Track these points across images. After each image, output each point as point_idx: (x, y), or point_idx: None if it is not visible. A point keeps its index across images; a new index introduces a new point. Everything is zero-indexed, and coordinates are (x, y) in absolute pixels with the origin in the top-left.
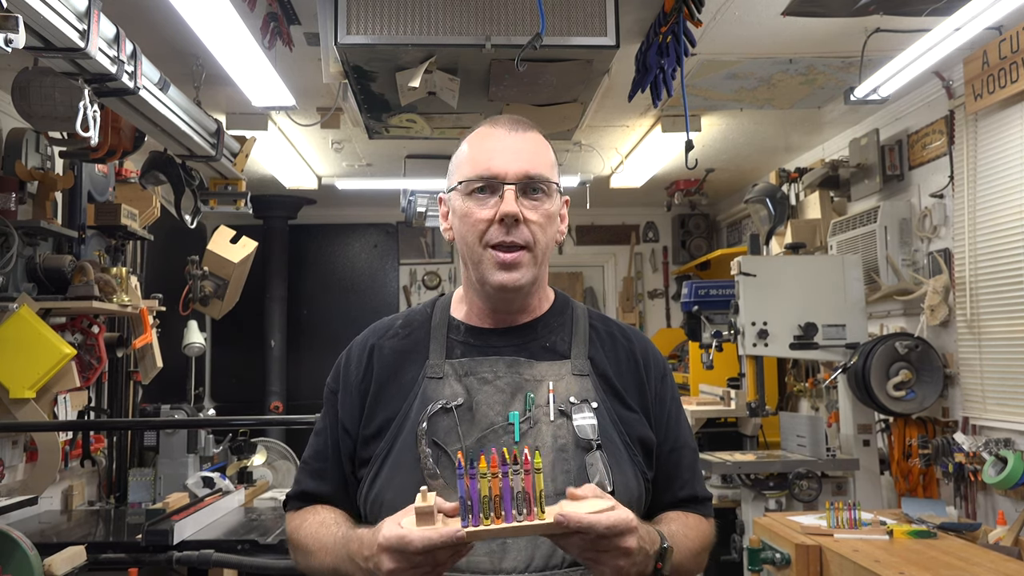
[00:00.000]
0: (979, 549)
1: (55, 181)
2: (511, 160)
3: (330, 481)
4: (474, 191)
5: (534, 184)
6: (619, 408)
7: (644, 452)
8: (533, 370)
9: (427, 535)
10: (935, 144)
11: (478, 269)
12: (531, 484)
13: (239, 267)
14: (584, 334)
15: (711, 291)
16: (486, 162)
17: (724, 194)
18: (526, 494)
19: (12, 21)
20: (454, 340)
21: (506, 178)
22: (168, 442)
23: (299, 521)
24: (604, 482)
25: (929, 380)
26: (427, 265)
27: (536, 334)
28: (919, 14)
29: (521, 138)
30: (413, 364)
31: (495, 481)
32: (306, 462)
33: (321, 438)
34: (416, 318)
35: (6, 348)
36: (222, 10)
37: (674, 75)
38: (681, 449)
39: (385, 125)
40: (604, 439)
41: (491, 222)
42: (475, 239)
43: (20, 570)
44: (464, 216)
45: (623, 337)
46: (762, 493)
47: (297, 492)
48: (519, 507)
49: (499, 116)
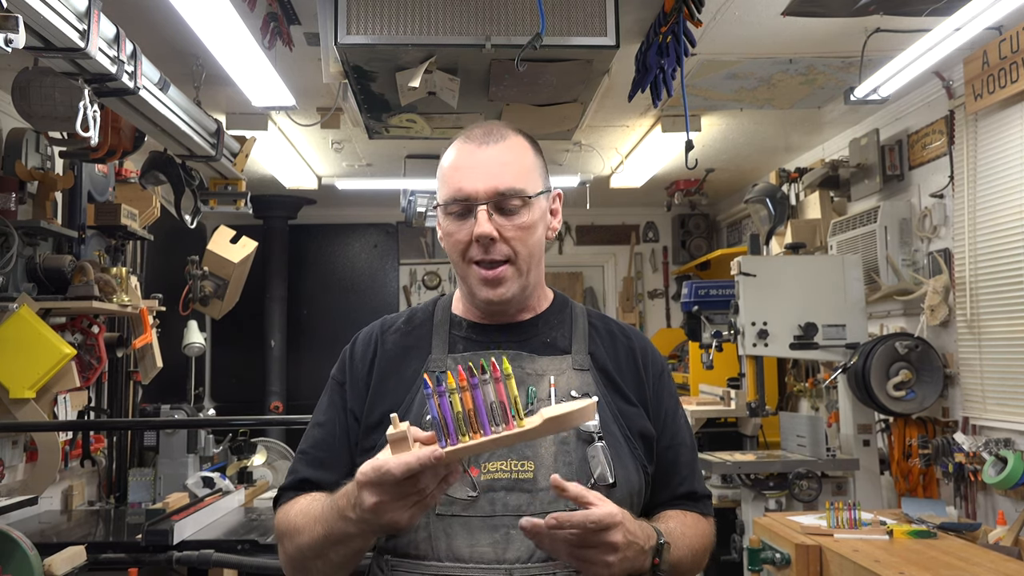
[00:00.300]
0: (979, 549)
1: (55, 181)
2: (480, 178)
3: (334, 470)
4: (450, 213)
5: (506, 199)
6: (619, 402)
7: (644, 445)
8: (535, 364)
9: (405, 459)
10: (935, 144)
11: (466, 283)
12: (503, 392)
13: (239, 267)
14: (584, 331)
15: (711, 291)
16: (457, 183)
17: (724, 194)
18: (500, 404)
19: (12, 21)
20: (456, 335)
21: (477, 198)
22: (168, 442)
23: (289, 506)
24: (606, 474)
25: (929, 380)
26: (427, 265)
27: (537, 330)
28: (919, 14)
29: (493, 151)
30: (415, 359)
31: (466, 395)
32: (304, 452)
33: (325, 429)
34: (419, 315)
35: (6, 348)
36: (222, 10)
37: (674, 75)
38: (679, 446)
39: (385, 125)
40: (605, 432)
41: (469, 242)
42: (458, 256)
43: (20, 570)
44: (446, 236)
45: (622, 335)
46: (762, 493)
47: (293, 482)
48: (495, 418)
49: (475, 126)
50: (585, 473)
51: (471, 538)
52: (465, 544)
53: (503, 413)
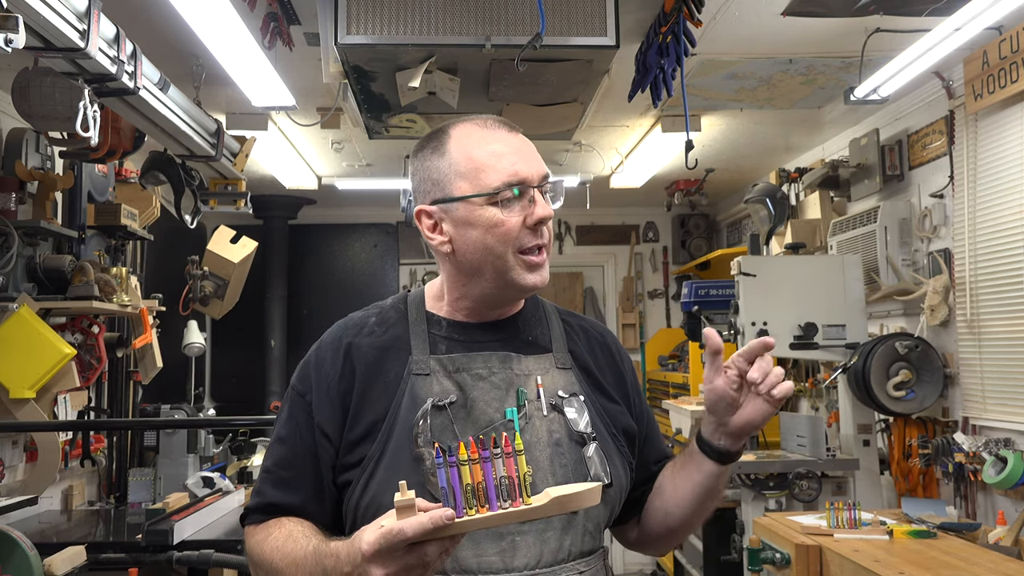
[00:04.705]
0: (979, 549)
1: (55, 181)
2: (532, 161)
3: (299, 491)
4: (506, 199)
5: (551, 184)
6: (603, 400)
7: (628, 441)
8: (521, 365)
9: (420, 521)
10: (935, 144)
11: (504, 275)
12: (513, 467)
13: (239, 267)
14: (559, 328)
15: (711, 291)
16: (511, 167)
17: (724, 194)
18: (510, 479)
19: (12, 21)
20: (436, 335)
21: (532, 181)
22: (168, 442)
23: (262, 536)
24: (600, 475)
25: (929, 380)
26: (427, 265)
27: (518, 329)
28: (919, 14)
29: (523, 138)
30: (395, 361)
31: (476, 468)
32: (268, 471)
33: (287, 445)
34: (390, 314)
35: (6, 348)
36: (222, 10)
37: (674, 75)
38: (651, 424)
39: (385, 125)
40: (595, 432)
41: (520, 227)
42: (506, 247)
43: (20, 570)
44: (494, 226)
45: (594, 330)
46: (762, 493)
47: (259, 504)
48: (503, 494)
49: (485, 117)
50: (581, 474)
51: (476, 548)
52: (472, 555)
53: (511, 489)
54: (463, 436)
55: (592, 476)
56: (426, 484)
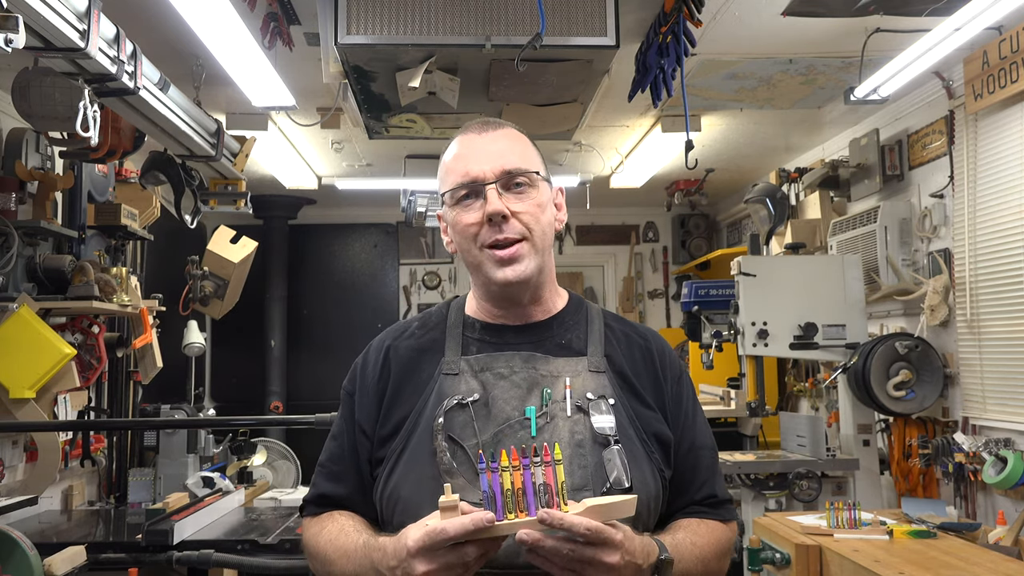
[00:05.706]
0: (979, 549)
1: (55, 181)
2: (485, 160)
3: (346, 484)
4: (459, 199)
5: (514, 177)
6: (636, 405)
7: (662, 449)
8: (549, 366)
9: (461, 521)
10: (935, 144)
11: (481, 272)
12: (552, 476)
13: (239, 267)
14: (600, 332)
15: (711, 291)
16: (463, 168)
17: (724, 194)
18: (547, 486)
19: (12, 21)
20: (470, 337)
21: (485, 179)
22: (168, 442)
23: (317, 528)
24: (621, 478)
25: (929, 380)
26: (427, 265)
27: (552, 332)
28: (919, 14)
29: (492, 137)
30: (429, 362)
31: (516, 474)
32: (323, 465)
33: (338, 441)
34: (432, 318)
35: (6, 348)
36: (222, 10)
37: (674, 75)
38: (699, 450)
39: (385, 125)
40: (621, 435)
41: (480, 224)
42: (470, 243)
43: (20, 570)
44: (455, 224)
45: (639, 337)
46: (762, 493)
47: (314, 496)
48: (541, 500)
49: (469, 123)
50: (601, 477)
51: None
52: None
53: (549, 495)
54: (482, 433)
55: (613, 479)
56: (441, 479)
